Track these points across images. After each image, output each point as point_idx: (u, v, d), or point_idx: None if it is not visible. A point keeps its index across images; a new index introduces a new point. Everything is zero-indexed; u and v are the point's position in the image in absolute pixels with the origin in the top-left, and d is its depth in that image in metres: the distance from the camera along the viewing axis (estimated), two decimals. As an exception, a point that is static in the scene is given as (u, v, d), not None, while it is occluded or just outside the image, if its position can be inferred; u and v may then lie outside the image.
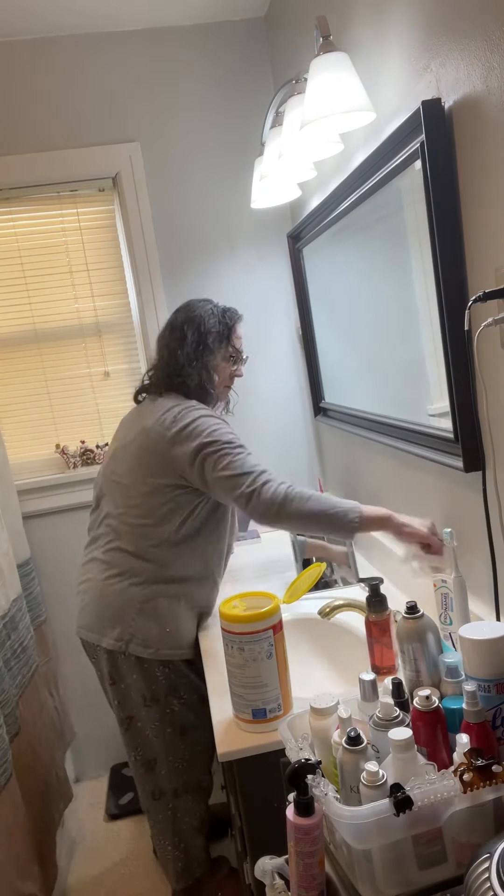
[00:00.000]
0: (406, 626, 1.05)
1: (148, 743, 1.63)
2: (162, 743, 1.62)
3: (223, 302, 2.38)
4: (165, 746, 1.62)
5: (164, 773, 1.64)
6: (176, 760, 1.64)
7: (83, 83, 2.24)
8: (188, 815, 1.68)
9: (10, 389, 2.37)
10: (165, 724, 1.62)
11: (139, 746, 1.64)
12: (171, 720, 1.62)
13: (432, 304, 1.29)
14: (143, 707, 1.61)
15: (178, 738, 1.63)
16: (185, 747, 1.64)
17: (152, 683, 1.60)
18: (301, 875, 0.88)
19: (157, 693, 1.61)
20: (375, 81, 1.44)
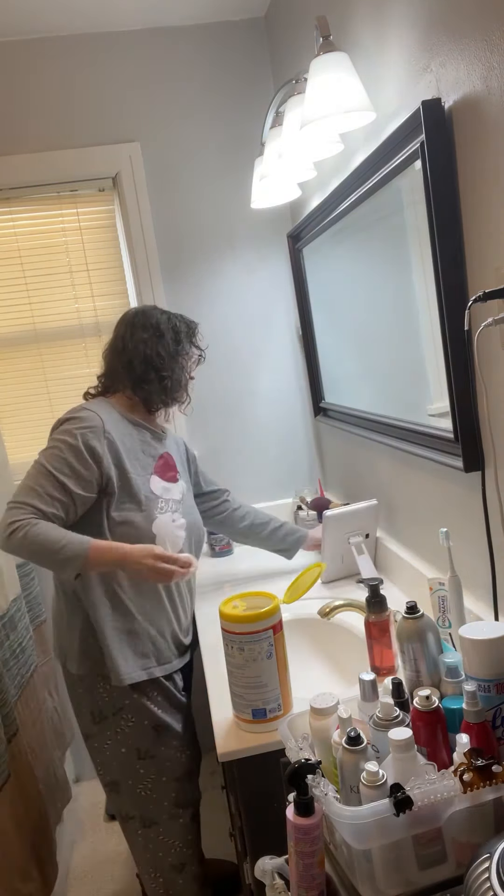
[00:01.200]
0: (406, 626, 1.05)
1: (107, 763, 1.57)
2: (119, 764, 1.55)
3: (224, 302, 2.40)
4: (122, 769, 1.55)
5: (127, 797, 1.57)
6: (136, 786, 1.55)
7: (83, 83, 2.24)
8: (161, 849, 1.58)
9: (10, 389, 2.37)
10: (118, 743, 1.54)
11: (100, 765, 1.58)
12: (124, 741, 1.54)
13: (432, 304, 1.29)
14: (94, 724, 1.55)
15: (134, 761, 1.54)
16: (146, 772, 1.55)
17: (97, 699, 1.54)
18: (301, 875, 0.88)
19: (104, 711, 1.54)
20: (375, 81, 1.44)
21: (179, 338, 1.64)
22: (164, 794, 1.57)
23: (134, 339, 1.63)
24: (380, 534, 1.91)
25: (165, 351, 1.62)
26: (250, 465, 2.49)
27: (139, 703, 1.53)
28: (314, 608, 1.71)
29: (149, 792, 1.56)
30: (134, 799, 1.57)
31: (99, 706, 1.54)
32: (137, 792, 1.56)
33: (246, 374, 2.45)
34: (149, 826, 1.57)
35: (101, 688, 1.53)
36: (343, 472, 2.23)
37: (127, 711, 1.53)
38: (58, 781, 2.15)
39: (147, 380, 1.61)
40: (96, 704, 1.54)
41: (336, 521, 1.87)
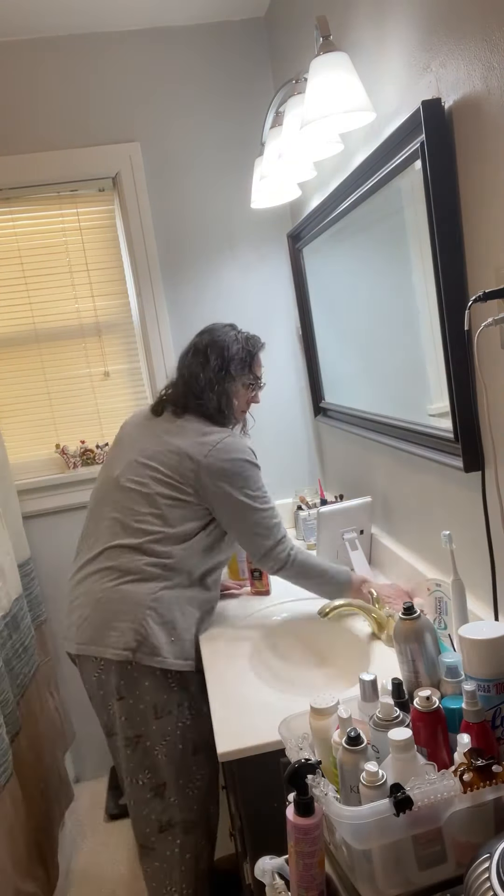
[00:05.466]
0: (403, 626, 1.05)
1: (157, 764, 1.54)
2: (172, 763, 1.54)
3: (224, 302, 2.39)
4: (177, 768, 1.54)
5: (175, 800, 1.55)
6: (187, 785, 1.56)
7: (83, 83, 2.24)
8: (197, 856, 1.57)
9: (10, 389, 2.37)
10: (177, 739, 1.54)
11: (148, 768, 1.54)
12: (183, 735, 1.55)
13: (432, 304, 1.29)
14: (154, 720, 1.53)
15: (189, 758, 1.56)
16: (197, 769, 1.57)
17: (164, 692, 1.53)
18: (301, 875, 0.88)
19: (170, 703, 1.54)
20: (375, 81, 1.44)
21: (225, 364, 1.67)
22: (210, 791, 1.60)
23: (185, 359, 1.72)
24: (379, 532, 1.92)
25: (206, 377, 1.66)
26: (250, 465, 2.49)
27: (202, 687, 1.56)
28: (314, 608, 1.71)
29: (196, 791, 1.57)
30: (181, 801, 1.55)
31: (164, 700, 1.53)
32: (186, 792, 1.56)
33: (246, 373, 2.44)
34: (189, 832, 1.56)
35: (171, 677, 1.54)
36: (343, 472, 2.23)
37: (192, 699, 1.56)
38: (60, 781, 2.15)
39: (188, 402, 1.67)
40: (161, 698, 1.53)
41: (330, 517, 1.88)
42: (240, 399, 1.72)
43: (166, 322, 2.36)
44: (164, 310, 2.35)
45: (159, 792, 1.54)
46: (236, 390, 1.70)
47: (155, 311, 2.35)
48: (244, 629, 1.69)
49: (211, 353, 1.67)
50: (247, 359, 1.70)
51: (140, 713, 1.53)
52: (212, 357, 1.67)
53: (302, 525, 2.25)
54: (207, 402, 1.65)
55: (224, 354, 1.67)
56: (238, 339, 1.70)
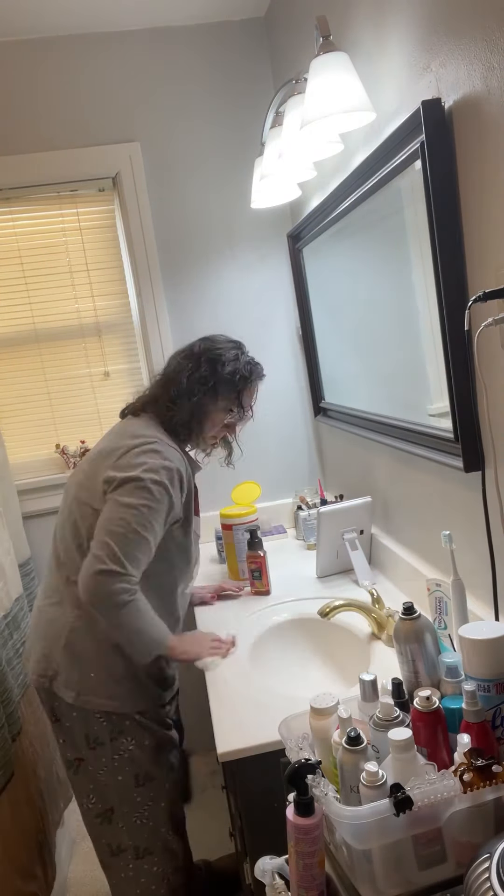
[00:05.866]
0: (403, 626, 1.05)
1: (101, 789, 1.45)
2: (116, 791, 1.45)
3: (223, 302, 2.39)
4: (120, 796, 1.45)
5: (123, 826, 1.46)
6: (133, 813, 1.46)
7: (83, 83, 2.24)
8: (153, 881, 1.49)
9: (10, 389, 2.37)
10: (116, 770, 1.44)
11: (91, 793, 1.46)
12: (122, 767, 1.44)
13: (432, 304, 1.29)
14: (90, 750, 1.44)
15: (132, 788, 1.45)
16: (143, 799, 1.46)
17: (93, 724, 1.43)
18: (301, 875, 0.88)
19: (101, 735, 1.43)
20: (375, 81, 1.44)
21: (212, 379, 1.49)
22: (162, 820, 1.49)
23: (176, 358, 1.57)
24: (378, 532, 1.92)
25: (186, 384, 1.49)
26: (250, 466, 2.49)
27: (141, 723, 1.45)
28: (314, 608, 1.71)
29: (145, 820, 1.47)
30: (130, 828, 1.47)
31: (94, 731, 1.43)
32: (133, 821, 1.47)
33: (246, 373, 2.45)
34: (142, 857, 1.48)
35: (99, 713, 1.43)
36: (343, 472, 2.23)
37: (128, 734, 1.44)
38: (59, 781, 2.15)
39: (158, 401, 1.52)
40: (91, 729, 1.44)
41: (331, 517, 1.88)
42: (214, 422, 1.54)
43: (166, 322, 2.36)
44: (164, 310, 2.35)
45: (107, 817, 1.46)
46: (213, 411, 1.52)
47: (155, 311, 2.35)
48: (244, 629, 1.69)
49: (204, 362, 1.51)
50: (238, 383, 1.53)
51: (75, 739, 1.45)
52: (203, 366, 1.51)
53: (302, 525, 2.25)
54: (179, 409, 1.49)
55: (216, 368, 1.51)
56: (237, 360, 1.54)
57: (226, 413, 1.55)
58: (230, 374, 1.51)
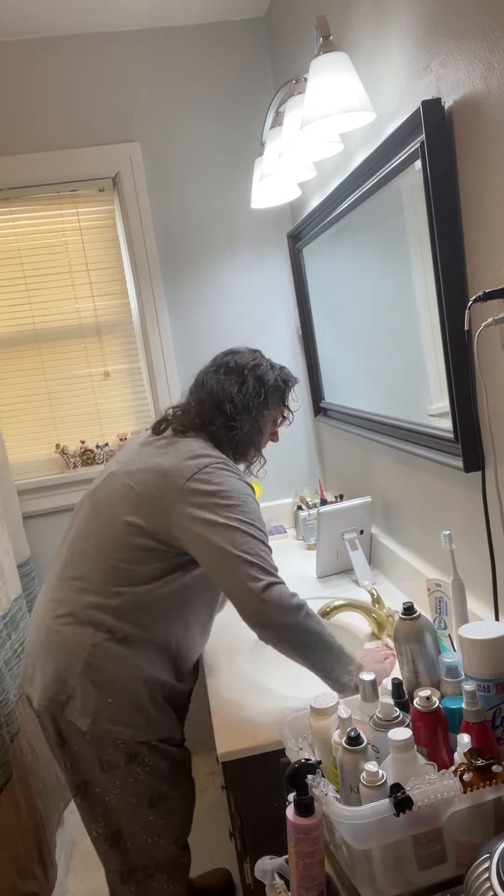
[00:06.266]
0: (403, 626, 1.05)
1: (110, 812, 1.39)
2: (126, 811, 1.39)
3: (223, 302, 2.40)
4: (131, 816, 1.40)
5: (132, 846, 1.41)
6: (144, 833, 1.41)
7: (83, 83, 2.24)
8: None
9: (10, 389, 2.37)
10: (129, 794, 1.38)
11: (100, 817, 1.40)
12: (135, 790, 1.38)
13: (432, 304, 1.29)
14: (101, 773, 1.37)
15: (145, 810, 1.40)
16: (156, 818, 1.41)
17: (107, 748, 1.35)
18: (301, 875, 0.88)
19: (115, 760, 1.36)
20: (375, 81, 1.44)
21: (263, 391, 1.47)
22: (172, 837, 1.45)
23: (213, 377, 1.49)
24: (378, 532, 1.92)
25: (241, 399, 1.45)
26: (250, 465, 2.49)
27: (157, 750, 1.40)
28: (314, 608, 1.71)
29: (156, 838, 1.42)
30: (139, 848, 1.42)
31: (108, 755, 1.36)
32: (144, 840, 1.42)
33: (246, 373, 2.45)
34: (152, 875, 1.43)
35: (114, 740, 1.36)
36: (343, 472, 2.23)
37: (143, 757, 1.38)
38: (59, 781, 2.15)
39: (214, 423, 1.44)
40: (106, 753, 1.36)
41: (331, 517, 1.88)
42: (266, 433, 1.53)
43: (166, 322, 2.36)
44: (164, 310, 2.35)
45: (115, 841, 1.41)
46: (266, 422, 1.51)
47: (155, 311, 2.35)
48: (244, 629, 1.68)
49: (249, 375, 1.46)
50: (283, 389, 1.52)
51: (85, 763, 1.37)
52: (250, 379, 1.46)
53: (302, 525, 2.25)
54: (241, 426, 1.44)
55: (263, 379, 1.47)
56: (274, 368, 1.52)
57: (276, 420, 1.56)
58: (275, 382, 1.50)
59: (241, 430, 1.45)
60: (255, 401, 1.46)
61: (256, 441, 1.49)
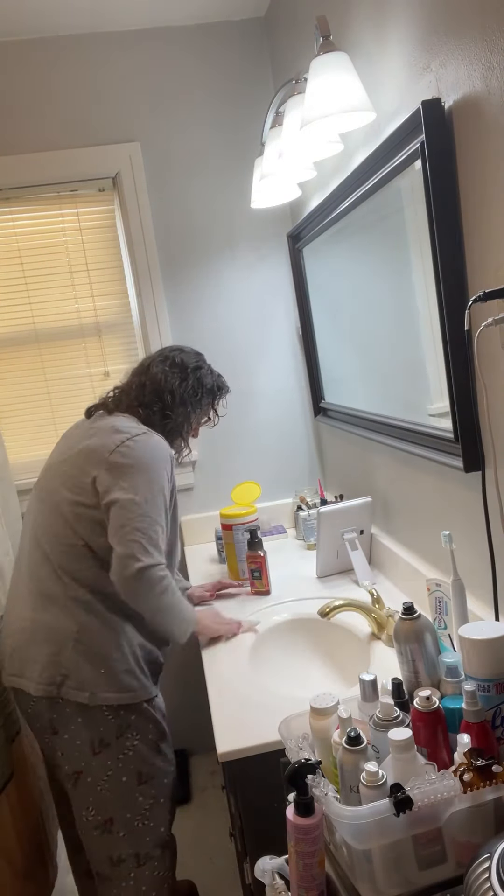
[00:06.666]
0: (403, 626, 1.05)
1: (101, 800, 1.46)
2: (118, 797, 1.46)
3: (224, 302, 2.40)
4: (123, 801, 1.46)
5: (123, 834, 1.47)
6: (135, 817, 1.48)
7: (83, 83, 2.24)
8: (154, 886, 1.51)
9: (10, 389, 2.37)
10: (120, 772, 1.45)
11: (91, 805, 1.47)
12: (126, 766, 1.46)
13: (432, 304, 1.29)
14: (94, 756, 1.44)
15: (134, 789, 1.47)
16: (144, 799, 1.48)
17: (100, 725, 1.44)
18: (301, 875, 0.88)
19: (107, 736, 1.44)
20: (375, 81, 1.44)
21: (201, 391, 1.64)
22: (161, 819, 1.51)
23: (159, 366, 1.63)
24: (378, 532, 1.92)
25: (180, 394, 1.60)
26: (250, 466, 2.49)
27: (145, 714, 1.48)
28: (314, 608, 1.71)
29: (146, 822, 1.49)
30: (130, 835, 1.48)
31: (101, 733, 1.44)
32: (135, 825, 1.48)
33: (246, 374, 2.45)
34: (143, 863, 1.49)
35: (106, 710, 1.44)
36: (343, 472, 2.23)
37: (133, 728, 1.47)
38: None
39: (151, 409, 1.59)
40: (97, 731, 1.44)
41: (331, 517, 1.88)
42: (193, 428, 1.70)
43: (166, 322, 2.36)
44: (164, 310, 2.35)
45: (106, 828, 1.47)
46: (196, 419, 1.68)
47: (155, 311, 2.35)
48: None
49: (191, 374, 1.63)
50: (217, 396, 1.70)
51: (77, 748, 1.45)
52: (192, 377, 1.63)
53: (302, 525, 2.25)
54: (176, 418, 1.60)
55: (203, 381, 1.65)
56: (213, 374, 1.69)
57: (199, 422, 1.72)
58: (210, 388, 1.67)
59: (174, 421, 1.60)
60: (192, 398, 1.62)
61: (185, 433, 1.65)
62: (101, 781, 1.45)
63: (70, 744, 1.45)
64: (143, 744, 1.48)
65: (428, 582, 1.36)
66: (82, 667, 1.43)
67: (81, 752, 1.45)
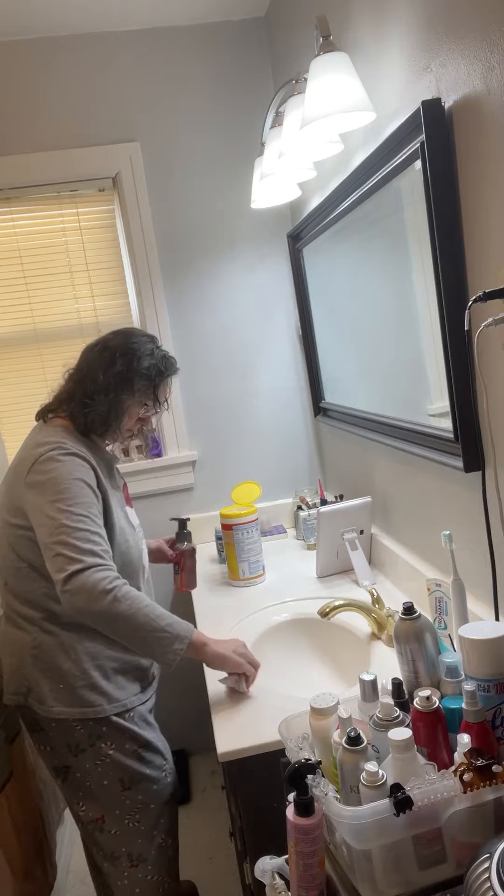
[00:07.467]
0: (403, 626, 1.05)
1: (90, 796, 1.44)
2: (105, 794, 1.43)
3: (224, 302, 2.40)
4: (110, 798, 1.44)
5: (116, 832, 1.45)
6: (124, 816, 1.44)
7: (83, 83, 2.24)
8: (148, 891, 1.48)
9: (10, 389, 2.37)
10: (101, 776, 1.42)
11: (81, 800, 1.45)
12: (106, 772, 1.42)
13: (432, 304, 1.29)
14: (73, 757, 1.42)
15: (119, 793, 1.43)
16: (133, 804, 1.44)
17: (72, 733, 1.41)
18: (301, 875, 0.88)
19: (82, 742, 1.41)
20: (375, 81, 1.44)
21: (131, 375, 1.48)
22: (153, 823, 1.47)
23: (88, 354, 1.54)
24: (379, 532, 1.92)
25: (102, 380, 1.48)
26: (250, 466, 2.49)
27: (118, 726, 1.43)
28: (314, 608, 1.71)
29: (137, 823, 1.45)
30: (122, 833, 1.45)
31: (75, 739, 1.42)
32: (126, 824, 1.45)
33: (246, 374, 2.45)
34: (136, 864, 1.47)
35: (73, 721, 1.41)
36: (343, 472, 2.23)
37: (106, 738, 1.42)
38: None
39: (73, 399, 1.49)
40: (72, 738, 1.42)
41: (330, 517, 1.88)
42: (131, 416, 1.53)
43: (166, 322, 2.36)
44: (164, 310, 2.35)
45: (98, 825, 1.45)
46: (129, 406, 1.51)
47: (155, 311, 2.35)
48: (243, 629, 1.69)
49: (119, 357, 1.49)
50: (155, 378, 1.52)
51: (58, 750, 1.44)
52: (118, 361, 1.48)
53: (302, 525, 2.25)
54: (95, 405, 1.47)
55: (132, 364, 1.49)
56: (153, 355, 1.52)
57: (141, 407, 1.54)
58: (146, 370, 1.50)
59: (93, 409, 1.47)
60: (116, 383, 1.47)
61: (112, 422, 1.49)
62: (88, 777, 1.43)
63: (51, 742, 1.45)
64: (120, 753, 1.43)
65: (428, 582, 1.36)
66: (42, 682, 1.41)
67: (63, 754, 1.44)
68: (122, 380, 1.48)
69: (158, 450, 2.42)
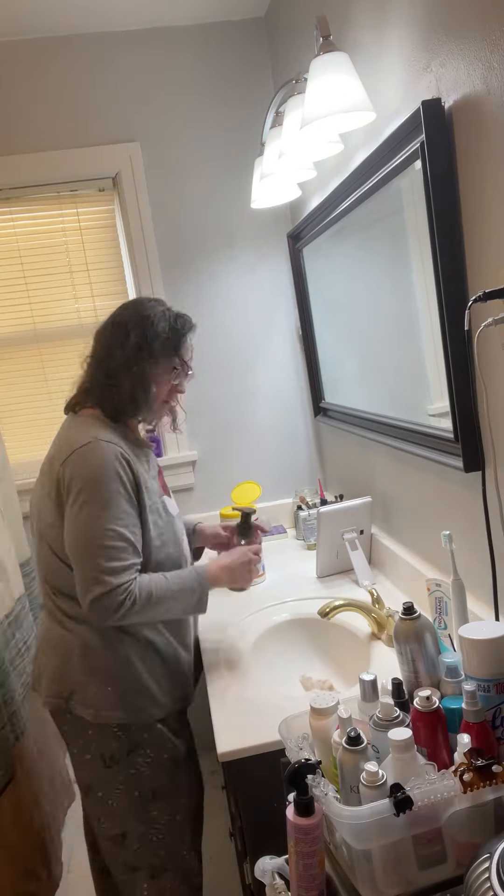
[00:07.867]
0: (403, 626, 1.05)
1: (112, 813, 1.40)
2: (130, 811, 1.40)
3: (224, 302, 2.40)
4: (135, 815, 1.40)
5: (138, 847, 1.41)
6: (149, 831, 1.40)
7: (83, 83, 2.24)
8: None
9: (10, 389, 2.37)
10: (131, 787, 1.39)
11: (102, 817, 1.41)
12: (138, 783, 1.39)
13: (432, 304, 1.29)
14: (104, 769, 1.38)
15: (148, 804, 1.40)
16: (159, 814, 1.41)
17: (111, 740, 1.37)
18: (301, 875, 0.88)
19: (118, 752, 1.38)
20: (375, 81, 1.44)
21: (152, 342, 1.40)
22: (179, 836, 1.44)
23: (102, 334, 1.46)
24: (379, 532, 1.92)
25: (122, 355, 1.40)
26: (250, 466, 2.49)
27: (160, 734, 1.40)
28: (314, 608, 1.71)
29: (161, 836, 1.41)
30: (144, 848, 1.41)
31: (112, 749, 1.38)
32: (150, 838, 1.41)
33: (246, 374, 2.45)
34: (157, 876, 1.42)
35: (115, 727, 1.38)
36: (343, 472, 2.23)
37: (145, 746, 1.39)
38: (62, 781, 2.15)
39: (99, 384, 1.43)
40: (108, 747, 1.38)
41: (331, 517, 1.88)
42: (160, 386, 1.44)
43: (166, 322, 2.36)
44: (164, 310, 2.35)
45: (118, 841, 1.42)
46: (157, 374, 1.42)
47: (155, 311, 2.34)
48: (244, 628, 1.69)
49: (133, 329, 1.40)
50: (174, 339, 1.42)
51: (87, 763, 1.40)
52: (133, 333, 1.39)
53: (302, 525, 2.25)
54: (120, 384, 1.39)
55: (147, 331, 1.39)
56: (166, 316, 1.43)
57: (169, 372, 1.45)
58: (164, 332, 1.41)
59: (121, 388, 1.40)
60: (137, 354, 1.39)
61: (142, 398, 1.41)
62: (114, 795, 1.39)
63: (80, 758, 1.41)
64: (156, 763, 1.40)
65: (428, 582, 1.36)
66: (88, 684, 1.37)
67: (92, 766, 1.39)
68: (141, 349, 1.40)
69: (158, 450, 2.42)
